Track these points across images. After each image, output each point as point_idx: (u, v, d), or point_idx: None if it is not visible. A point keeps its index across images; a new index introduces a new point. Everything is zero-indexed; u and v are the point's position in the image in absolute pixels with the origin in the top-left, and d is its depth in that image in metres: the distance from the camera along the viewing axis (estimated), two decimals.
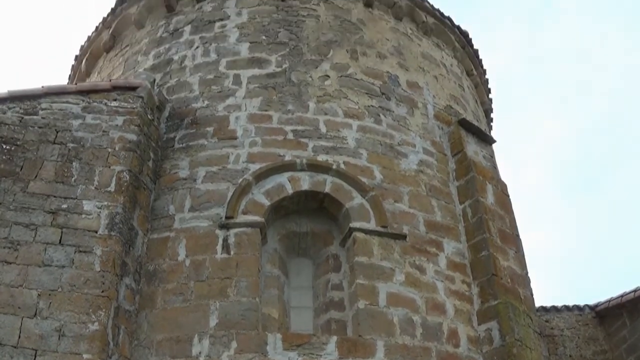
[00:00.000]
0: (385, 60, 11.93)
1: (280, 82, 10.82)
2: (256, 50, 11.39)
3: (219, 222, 9.12)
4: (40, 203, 8.66)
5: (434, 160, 10.75)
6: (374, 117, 10.71)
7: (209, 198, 9.42)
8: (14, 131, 9.44)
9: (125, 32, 13.89)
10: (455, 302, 9.16)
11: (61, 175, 8.99)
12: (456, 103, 12.50)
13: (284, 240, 9.61)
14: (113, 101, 9.97)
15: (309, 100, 10.60)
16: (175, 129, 10.47)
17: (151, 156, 9.91)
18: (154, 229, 9.33)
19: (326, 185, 9.61)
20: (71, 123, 9.66)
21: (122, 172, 9.08)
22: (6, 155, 9.12)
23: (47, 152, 9.25)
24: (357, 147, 10.17)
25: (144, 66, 12.12)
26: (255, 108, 10.43)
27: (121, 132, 9.56)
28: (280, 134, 10.10)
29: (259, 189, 9.46)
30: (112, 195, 8.84)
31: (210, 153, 9.94)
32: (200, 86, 11.01)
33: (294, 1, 12.38)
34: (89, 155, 9.27)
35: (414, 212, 9.80)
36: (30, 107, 9.80)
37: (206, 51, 11.60)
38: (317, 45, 11.58)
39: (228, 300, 8.42)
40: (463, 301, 9.24)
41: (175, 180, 9.79)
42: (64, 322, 7.60)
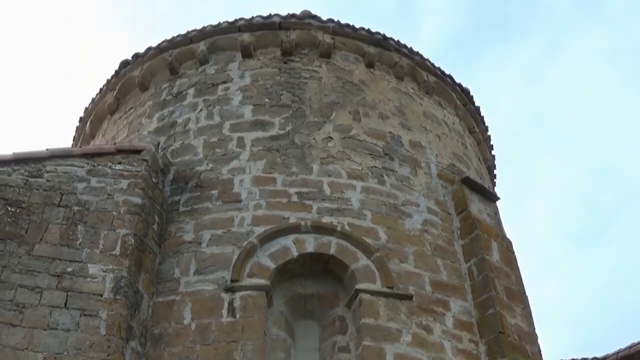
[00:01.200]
0: (388, 120, 11.98)
1: (283, 145, 10.87)
2: (259, 113, 11.47)
3: (225, 285, 9.09)
4: (45, 266, 8.63)
5: (438, 220, 10.73)
6: (378, 178, 10.73)
7: (214, 261, 9.40)
8: (19, 193, 9.46)
9: (129, 95, 13.99)
10: None
11: (66, 239, 8.98)
12: (459, 161, 12.53)
13: (289, 302, 9.55)
14: (118, 164, 10.01)
15: (312, 162, 10.63)
16: (180, 192, 10.51)
17: (156, 219, 9.92)
18: (160, 293, 9.29)
19: (331, 247, 9.59)
20: (76, 186, 9.68)
21: (127, 236, 9.07)
22: (11, 218, 9.12)
23: (52, 215, 9.25)
24: (362, 208, 10.16)
25: (148, 129, 12.19)
26: (259, 171, 10.47)
27: (126, 195, 9.58)
28: (284, 196, 10.11)
29: (264, 251, 9.45)
30: (118, 258, 8.83)
31: (215, 216, 9.94)
32: (205, 149, 11.05)
33: (296, 63, 12.51)
34: (94, 218, 9.27)
35: (419, 272, 9.75)
36: (35, 169, 9.83)
37: (210, 114, 11.67)
38: (319, 107, 11.65)
39: None
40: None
41: (180, 243, 9.79)
42: None
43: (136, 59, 13.97)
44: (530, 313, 10.17)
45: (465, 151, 13.29)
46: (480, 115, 15.19)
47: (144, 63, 13.70)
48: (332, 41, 12.96)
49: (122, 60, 14.25)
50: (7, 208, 9.24)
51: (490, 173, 15.45)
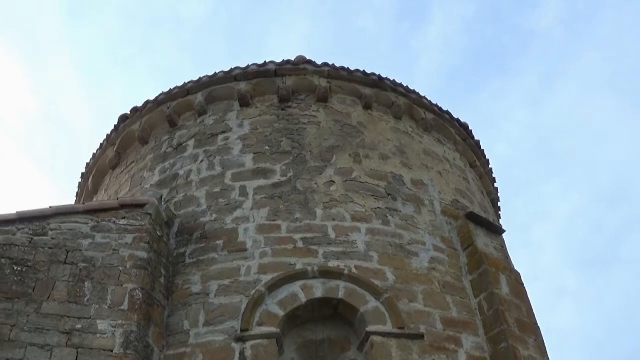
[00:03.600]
0: (389, 160, 12.01)
1: (286, 191, 10.89)
2: (260, 161, 11.51)
3: (235, 335, 9.03)
4: (54, 324, 8.63)
5: (445, 257, 10.69)
6: (382, 219, 10.72)
7: (223, 312, 9.36)
8: (24, 252, 9.49)
9: (129, 149, 14.08)
10: None
11: (74, 296, 8.99)
12: (462, 197, 12.54)
13: (301, 349, 9.48)
14: (122, 219, 10.04)
15: (316, 207, 10.63)
16: (186, 244, 10.51)
17: (163, 272, 9.91)
18: (170, 346, 9.25)
19: (339, 291, 9.54)
20: (81, 243, 9.71)
21: (135, 290, 9.08)
22: (18, 277, 9.14)
23: (58, 272, 9.27)
24: (368, 250, 10.14)
25: (150, 182, 12.24)
26: (263, 219, 10.47)
27: (131, 250, 9.59)
28: (289, 242, 10.09)
29: (273, 299, 9.40)
30: (126, 313, 8.81)
31: (222, 266, 9.93)
32: (208, 200, 11.08)
33: (294, 109, 12.57)
34: (101, 274, 9.29)
35: (429, 311, 9.69)
36: (39, 227, 9.86)
37: (211, 164, 11.72)
38: (320, 152, 11.68)
39: None
40: None
41: (188, 295, 9.76)
42: None
43: (135, 113, 14.04)
44: (543, 343, 10.08)
45: (468, 186, 13.30)
46: (480, 149, 15.22)
47: (143, 117, 13.80)
48: (329, 85, 13.04)
49: (120, 115, 14.35)
50: (13, 267, 9.26)
51: (494, 206, 15.45)
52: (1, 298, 8.88)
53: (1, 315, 8.66)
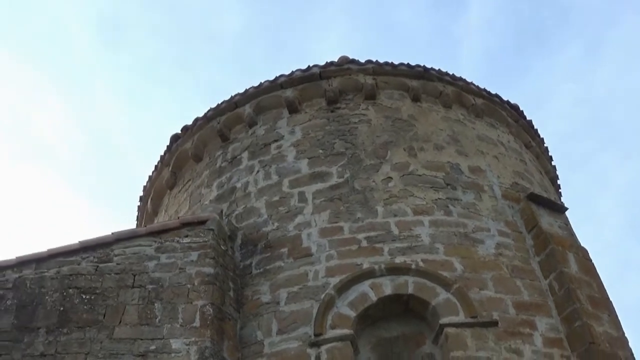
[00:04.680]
0: (443, 150, 11.92)
1: (345, 192, 10.86)
2: (316, 165, 11.51)
3: (309, 340, 9.05)
4: (128, 347, 8.72)
5: (510, 241, 10.58)
6: (444, 210, 10.65)
7: (295, 318, 9.37)
8: (91, 280, 9.62)
9: (184, 168, 14.19)
10: None
11: (145, 318, 9.08)
12: (521, 178, 12.40)
13: (376, 348, 9.45)
14: (184, 237, 10.11)
15: (376, 205, 10.59)
16: (251, 255, 10.55)
17: (231, 286, 9.95)
18: (245, 358, 9.29)
19: (408, 286, 9.50)
20: (147, 265, 9.80)
21: (205, 306, 9.12)
22: (87, 305, 9.27)
23: (127, 296, 9.37)
24: (433, 243, 10.08)
25: (209, 198, 12.31)
26: (324, 222, 10.47)
27: (197, 267, 9.65)
28: (354, 243, 10.07)
29: (343, 301, 9.40)
30: (198, 330, 8.85)
31: (289, 274, 9.95)
32: (268, 209, 11.11)
33: (343, 110, 12.55)
34: (169, 294, 9.36)
35: (500, 297, 9.59)
36: (103, 254, 9.98)
37: (267, 174, 11.75)
38: (374, 149, 11.63)
39: None
40: None
41: (258, 305, 9.80)
42: None
43: (186, 131, 14.15)
44: (617, 318, 9.94)
45: (525, 167, 13.15)
46: (533, 129, 15.04)
47: (194, 134, 13.89)
48: (374, 82, 12.98)
49: (172, 135, 14.46)
50: (81, 296, 9.39)
51: (554, 184, 15.25)
52: (73, 327, 9.01)
53: (74, 344, 8.79)
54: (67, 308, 9.29)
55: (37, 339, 8.93)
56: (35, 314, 9.26)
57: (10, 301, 9.46)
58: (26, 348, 8.85)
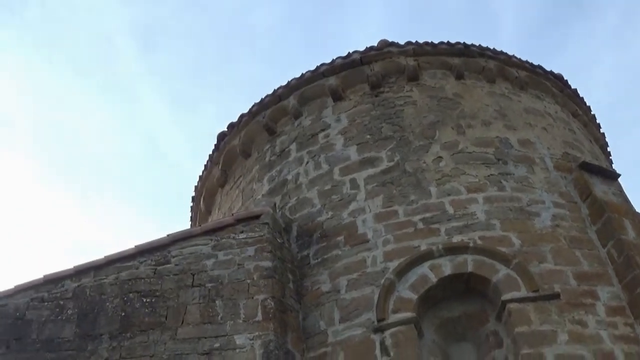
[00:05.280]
0: (491, 125, 11.83)
1: (396, 176, 10.82)
2: (365, 151, 11.48)
3: (372, 326, 9.03)
4: (192, 347, 8.76)
5: (566, 211, 10.46)
6: (497, 185, 10.56)
7: (357, 305, 9.37)
8: (150, 283, 9.70)
9: (234, 164, 14.27)
10: (622, 347, 8.72)
11: (207, 316, 9.11)
12: (571, 148, 12.27)
13: (439, 329, 9.43)
14: (240, 233, 10.12)
15: (429, 186, 10.54)
16: (307, 246, 10.56)
17: (290, 278, 9.97)
18: (310, 348, 9.31)
19: (468, 264, 9.45)
20: (205, 264, 9.84)
21: (266, 300, 9.13)
22: (148, 308, 9.34)
23: (187, 296, 9.42)
24: (489, 219, 10.01)
25: (261, 192, 12.37)
26: (379, 207, 10.44)
27: (255, 261, 9.67)
28: (410, 226, 10.04)
29: (403, 284, 9.36)
30: (261, 324, 8.86)
31: (347, 261, 9.95)
32: (321, 199, 11.13)
33: (387, 94, 12.51)
34: (230, 290, 9.38)
35: (560, 269, 9.49)
36: (161, 257, 10.05)
37: (317, 164, 11.77)
38: (421, 130, 11.58)
39: None
40: (630, 344, 8.77)
41: (319, 295, 9.82)
42: None
43: (232, 128, 14.24)
44: None
45: (574, 136, 13.02)
46: (579, 97, 14.88)
47: (241, 131, 13.97)
48: (416, 63, 12.91)
49: (219, 133, 14.53)
50: (142, 300, 9.46)
51: (604, 152, 15.09)
52: (136, 331, 9.08)
53: (138, 348, 8.86)
54: (129, 313, 9.37)
55: (101, 345, 9.02)
56: (97, 321, 9.34)
57: (71, 310, 9.56)
58: (90, 356, 8.93)
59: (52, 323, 9.47)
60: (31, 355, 9.15)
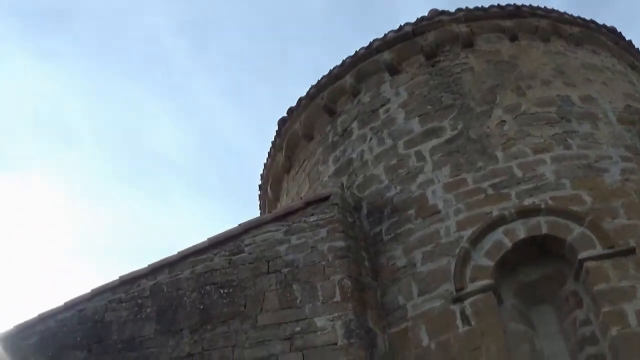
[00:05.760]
0: (551, 84, 11.70)
1: (461, 144, 10.78)
2: (427, 122, 11.44)
3: (451, 297, 9.03)
4: (273, 333, 8.82)
5: (634, 165, 10.32)
6: (563, 144, 10.46)
7: (434, 277, 9.36)
8: (226, 274, 9.78)
9: (297, 149, 14.32)
10: None
11: (285, 301, 9.16)
12: (632, 100, 12.08)
13: (518, 294, 9.35)
14: (311, 216, 10.14)
15: (495, 151, 10.48)
16: (379, 223, 10.56)
17: (364, 256, 9.98)
18: (390, 324, 9.31)
19: (541, 226, 9.37)
20: (279, 249, 9.89)
21: (343, 280, 9.13)
22: (226, 299, 9.43)
23: (264, 283, 9.48)
24: (558, 179, 9.92)
25: (327, 174, 12.40)
26: (447, 177, 10.42)
27: (328, 242, 9.67)
28: (480, 193, 9.99)
29: (479, 252, 9.34)
30: (340, 304, 8.88)
31: (420, 234, 9.94)
32: (388, 174, 11.12)
33: (443, 63, 12.46)
34: (306, 273, 9.42)
35: (634, 222, 9.34)
36: (234, 247, 10.12)
37: (381, 140, 11.75)
38: (482, 96, 11.51)
39: None
40: None
41: (395, 270, 9.81)
42: None
43: (291, 113, 14.31)
44: None
45: (634, 88, 12.83)
46: (635, 49, 14.66)
47: (301, 114, 14.03)
48: (469, 29, 12.83)
49: (279, 119, 14.59)
50: (220, 291, 9.55)
51: None
52: (216, 323, 9.17)
53: (220, 339, 8.96)
54: (207, 305, 9.47)
55: (182, 340, 9.14)
56: (176, 316, 9.47)
57: (150, 308, 9.70)
58: (172, 351, 9.06)
59: (131, 323, 9.63)
60: (113, 356, 9.30)
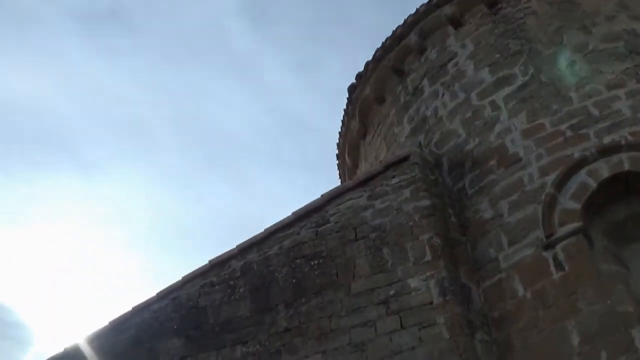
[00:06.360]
0: (615, 19, 11.41)
1: (534, 89, 10.66)
2: (497, 71, 11.35)
3: (542, 244, 8.94)
4: (368, 299, 8.88)
5: None
6: (635, 78, 10.22)
7: (522, 226, 9.29)
8: (314, 246, 9.88)
9: (370, 114, 14.34)
10: None
11: (376, 266, 9.21)
12: None
13: (608, 234, 9.20)
14: (392, 179, 10.17)
15: (568, 92, 10.33)
16: (461, 177, 10.54)
17: (450, 212, 9.97)
18: (483, 278, 9.29)
19: (624, 163, 9.23)
20: (364, 215, 9.94)
21: (432, 238, 9.16)
22: (317, 270, 9.53)
23: (354, 251, 9.55)
24: (635, 114, 9.72)
25: (403, 135, 12.41)
26: (524, 123, 10.32)
27: (413, 202, 9.70)
28: (558, 136, 9.88)
29: (564, 196, 9.23)
30: (432, 263, 8.90)
31: (504, 184, 9.87)
32: (464, 127, 11.07)
33: (505, 10, 12.29)
34: (394, 236, 9.45)
35: None
36: (319, 218, 10.21)
37: (453, 94, 11.70)
38: (548, 39, 11.35)
39: (581, 315, 8.12)
40: None
41: (482, 224, 9.77)
42: None
43: (360, 78, 14.33)
44: None
45: None
46: None
47: (369, 78, 14.05)
48: None
49: (349, 86, 14.63)
50: (310, 263, 9.65)
51: None
52: (310, 295, 9.28)
53: (316, 310, 9.05)
54: (299, 278, 9.59)
55: (278, 315, 9.27)
56: (270, 293, 9.61)
57: (242, 288, 9.85)
58: (269, 328, 9.19)
59: (226, 305, 9.79)
60: (212, 340, 9.46)
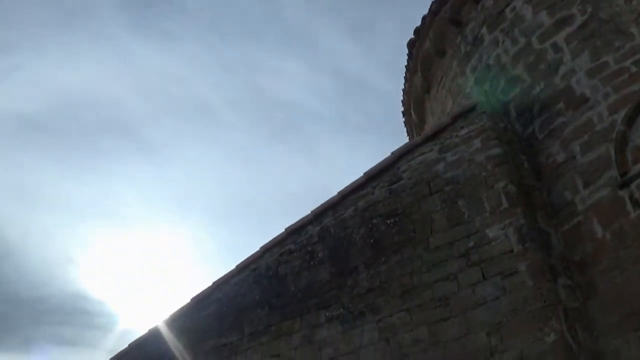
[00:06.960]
0: None
1: (594, 27, 10.39)
2: (556, 12, 11.07)
3: (617, 183, 8.77)
4: (447, 253, 8.87)
5: None
6: None
7: (596, 167, 9.12)
8: (389, 204, 9.88)
9: (432, 67, 14.25)
10: None
11: (453, 219, 9.19)
12: None
13: None
14: (461, 130, 10.11)
15: (629, 28, 10.02)
16: (530, 123, 10.39)
17: (523, 158, 9.89)
18: (561, 221, 9.18)
19: None
20: (436, 169, 9.90)
21: (507, 186, 9.08)
22: (394, 228, 9.53)
23: (429, 205, 9.53)
24: None
25: (468, 85, 12.32)
26: (587, 63, 10.09)
27: (484, 152, 9.64)
28: (624, 72, 9.61)
29: (635, 132, 9.01)
30: (508, 210, 8.83)
31: (574, 126, 9.70)
32: (529, 72, 10.89)
33: None
34: (468, 187, 9.40)
35: None
36: (391, 176, 10.20)
37: (513, 39, 11.51)
38: None
39: None
40: None
41: (556, 167, 9.64)
42: (522, 347, 7.56)
43: (418, 33, 14.20)
44: None
45: None
46: None
47: (428, 32, 13.93)
48: None
49: (408, 42, 14.57)
50: (386, 222, 9.66)
51: None
52: (389, 254, 9.32)
53: (396, 268, 9.07)
54: (377, 238, 9.60)
55: (359, 276, 9.32)
56: (349, 255, 9.65)
57: (321, 253, 9.90)
58: (351, 290, 9.25)
59: (306, 271, 9.86)
60: (295, 307, 9.55)
